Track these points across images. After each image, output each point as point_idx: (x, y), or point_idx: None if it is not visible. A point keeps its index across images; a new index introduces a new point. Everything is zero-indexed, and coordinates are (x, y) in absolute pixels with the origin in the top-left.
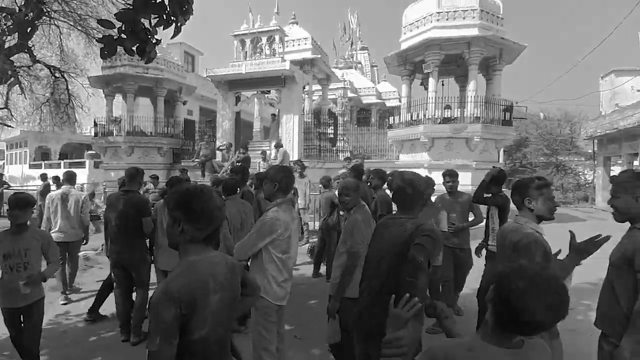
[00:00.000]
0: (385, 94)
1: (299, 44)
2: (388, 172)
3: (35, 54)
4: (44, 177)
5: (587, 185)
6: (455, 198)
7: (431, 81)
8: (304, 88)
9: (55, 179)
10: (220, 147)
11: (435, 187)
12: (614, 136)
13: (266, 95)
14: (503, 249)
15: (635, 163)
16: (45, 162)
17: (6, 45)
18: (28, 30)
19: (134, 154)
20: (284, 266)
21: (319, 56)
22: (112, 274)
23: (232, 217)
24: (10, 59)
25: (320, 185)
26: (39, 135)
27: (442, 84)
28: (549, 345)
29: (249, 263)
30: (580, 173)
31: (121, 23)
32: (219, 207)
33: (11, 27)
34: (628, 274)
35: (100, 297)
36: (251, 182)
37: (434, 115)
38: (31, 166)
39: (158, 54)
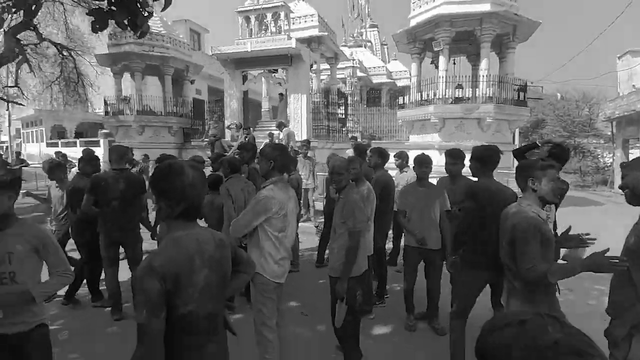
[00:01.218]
0: (396, 74)
1: (305, 21)
2: (395, 153)
3: (41, 32)
4: (58, 155)
5: (606, 169)
6: (455, 182)
7: (442, 60)
8: (311, 67)
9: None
10: (230, 126)
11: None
12: (632, 118)
13: (273, 74)
14: (504, 231)
15: None
16: (62, 140)
17: (11, 24)
18: (32, 8)
19: (145, 133)
20: (281, 244)
21: (326, 34)
22: (106, 254)
23: (235, 196)
24: (17, 37)
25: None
26: (53, 114)
27: (454, 63)
28: None
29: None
30: (599, 156)
31: None
32: (192, 184)
33: (12, 3)
34: None
35: (76, 282)
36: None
37: (445, 95)
38: (48, 144)
39: (163, 32)
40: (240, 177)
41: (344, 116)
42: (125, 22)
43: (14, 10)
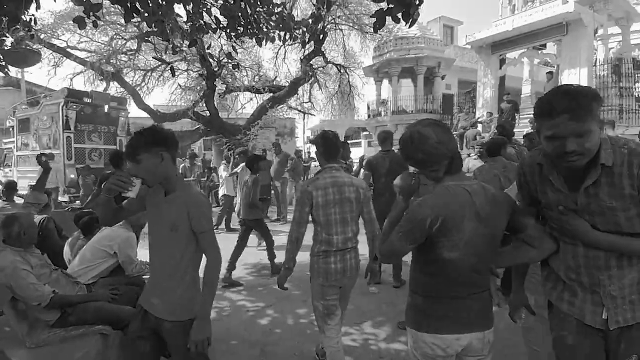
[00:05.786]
0: None
1: None
2: None
3: (327, 57)
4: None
5: None
6: None
7: None
8: (595, 33)
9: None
10: (479, 120)
11: None
12: None
13: (540, 51)
14: None
15: None
16: None
17: (306, 52)
18: (321, 38)
19: (398, 131)
20: None
21: None
22: None
23: (488, 182)
24: (310, 62)
25: None
26: (331, 123)
27: None
28: None
29: None
30: None
31: None
32: (440, 141)
33: (307, 37)
34: None
35: None
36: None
37: None
38: None
39: (418, 34)
40: (499, 160)
41: None
42: (399, 15)
43: (308, 40)
